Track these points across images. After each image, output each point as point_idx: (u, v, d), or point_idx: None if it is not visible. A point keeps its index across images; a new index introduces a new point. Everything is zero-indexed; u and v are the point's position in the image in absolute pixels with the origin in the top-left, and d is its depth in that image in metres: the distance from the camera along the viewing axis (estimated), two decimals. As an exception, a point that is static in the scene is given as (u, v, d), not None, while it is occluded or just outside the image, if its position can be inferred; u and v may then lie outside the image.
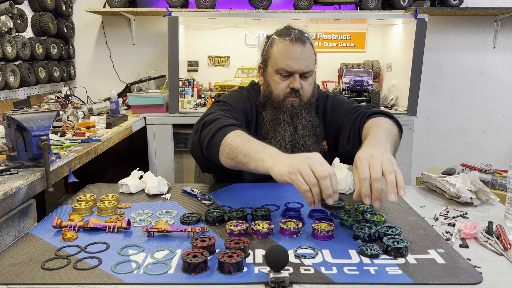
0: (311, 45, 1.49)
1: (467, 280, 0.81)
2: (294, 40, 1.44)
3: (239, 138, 1.17)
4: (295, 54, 1.43)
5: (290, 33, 1.46)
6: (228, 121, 1.27)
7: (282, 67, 1.45)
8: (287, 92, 1.48)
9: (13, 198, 1.15)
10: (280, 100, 1.49)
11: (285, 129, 1.49)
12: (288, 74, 1.47)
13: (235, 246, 0.90)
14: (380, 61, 3.32)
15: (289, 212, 1.17)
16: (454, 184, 1.28)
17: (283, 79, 1.47)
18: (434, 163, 3.58)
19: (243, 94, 1.59)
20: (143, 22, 3.35)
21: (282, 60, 1.45)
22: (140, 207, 1.22)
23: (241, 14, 2.79)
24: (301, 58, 1.44)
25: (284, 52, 1.44)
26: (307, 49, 1.45)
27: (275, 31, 1.54)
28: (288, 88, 1.48)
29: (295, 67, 1.44)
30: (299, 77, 1.46)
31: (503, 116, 3.53)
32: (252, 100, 1.58)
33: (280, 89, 1.48)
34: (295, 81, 1.45)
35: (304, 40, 1.45)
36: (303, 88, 1.48)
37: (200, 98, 3.11)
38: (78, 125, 2.07)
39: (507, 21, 3.34)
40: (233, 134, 1.20)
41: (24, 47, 2.49)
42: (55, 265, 0.87)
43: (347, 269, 0.85)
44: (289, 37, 1.45)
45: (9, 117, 1.25)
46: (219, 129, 1.23)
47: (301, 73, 1.46)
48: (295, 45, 1.44)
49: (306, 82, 1.49)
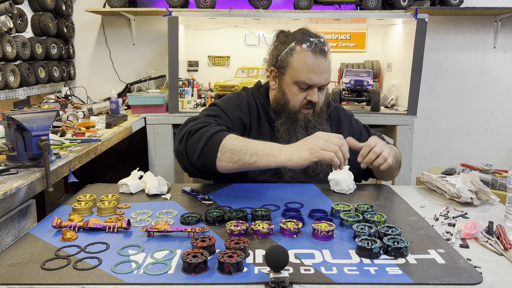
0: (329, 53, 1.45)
1: (467, 280, 0.81)
2: (316, 52, 1.39)
3: (239, 141, 1.20)
4: (318, 68, 1.39)
5: (312, 42, 1.40)
6: (216, 128, 1.28)
7: (303, 80, 1.40)
8: (303, 103, 1.45)
9: (13, 198, 1.14)
10: (295, 111, 1.46)
11: (299, 139, 1.46)
12: (308, 87, 1.43)
13: (235, 246, 0.90)
14: (380, 61, 3.32)
15: (289, 212, 1.17)
16: (454, 184, 1.28)
17: (301, 91, 1.44)
18: (434, 163, 3.58)
19: (243, 98, 1.54)
20: (143, 22, 3.35)
21: (303, 73, 1.39)
22: (140, 207, 1.22)
23: (241, 14, 2.78)
24: (322, 71, 1.40)
25: (306, 65, 1.39)
26: (327, 61, 1.42)
27: (288, 31, 1.49)
28: (305, 100, 1.44)
29: (316, 81, 1.40)
30: (317, 90, 1.43)
31: (503, 116, 3.53)
32: (254, 103, 1.54)
33: (297, 100, 1.45)
34: (314, 94, 1.42)
35: (325, 52, 1.41)
36: (319, 100, 1.46)
37: (200, 98, 3.11)
38: (78, 125, 2.07)
39: (507, 21, 3.34)
40: (229, 138, 1.22)
41: (24, 47, 2.49)
42: (55, 265, 0.87)
43: (347, 269, 0.85)
44: (311, 48, 1.39)
45: (9, 117, 1.25)
46: (211, 136, 1.24)
47: (320, 86, 1.43)
48: (318, 58, 1.39)
49: (322, 93, 1.47)
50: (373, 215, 1.10)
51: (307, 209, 1.19)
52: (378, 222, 1.07)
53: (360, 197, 1.31)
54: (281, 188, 1.39)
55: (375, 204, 1.24)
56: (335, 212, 1.15)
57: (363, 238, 0.95)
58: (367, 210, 1.15)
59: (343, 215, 1.09)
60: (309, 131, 1.45)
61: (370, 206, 1.17)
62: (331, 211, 1.17)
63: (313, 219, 1.11)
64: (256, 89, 1.60)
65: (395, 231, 0.98)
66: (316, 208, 1.17)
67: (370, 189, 1.40)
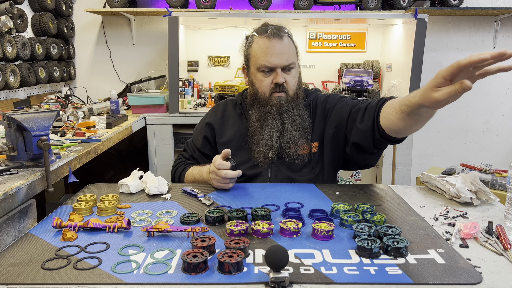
0: (290, 38, 1.50)
1: (467, 280, 0.81)
2: (271, 35, 1.46)
3: (190, 174, 1.59)
4: (274, 49, 1.45)
5: (267, 29, 1.48)
6: (180, 169, 1.65)
7: (263, 64, 1.47)
8: (272, 88, 1.49)
9: (13, 198, 1.15)
10: (266, 97, 1.51)
11: (272, 125, 1.49)
12: (270, 70, 1.48)
13: (235, 246, 0.90)
14: (380, 61, 3.32)
15: (289, 212, 1.17)
16: (454, 184, 1.28)
17: (266, 76, 1.49)
18: (434, 163, 3.58)
19: (219, 105, 1.69)
20: (143, 22, 3.35)
21: (262, 57, 1.47)
22: (140, 207, 1.23)
23: (241, 14, 2.79)
24: (280, 52, 1.45)
25: (263, 49, 1.46)
26: (285, 42, 1.47)
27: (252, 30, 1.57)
28: (272, 84, 1.49)
29: (276, 62, 1.46)
30: (281, 71, 1.47)
31: (503, 116, 3.53)
32: (231, 106, 1.65)
33: (264, 86, 1.50)
34: (278, 75, 1.47)
35: (281, 35, 1.46)
36: (287, 81, 1.49)
37: (200, 98, 3.11)
38: (78, 125, 2.07)
39: (507, 21, 3.34)
40: (187, 172, 1.61)
41: (24, 47, 2.49)
42: (55, 265, 0.87)
43: (347, 269, 0.85)
44: (266, 34, 1.46)
45: (9, 117, 1.25)
46: (180, 173, 1.64)
47: (282, 67, 1.47)
48: (273, 41, 1.45)
49: (289, 75, 1.49)
50: (373, 215, 1.10)
51: (307, 209, 1.19)
52: (378, 222, 1.07)
53: (360, 197, 1.31)
54: (281, 188, 1.39)
55: (375, 204, 1.24)
56: (335, 212, 1.16)
57: (363, 238, 0.95)
58: (367, 210, 1.15)
59: (343, 215, 1.09)
60: (282, 114, 1.50)
61: (370, 206, 1.17)
62: (331, 211, 1.17)
63: (313, 219, 1.11)
64: (240, 94, 1.69)
65: (395, 231, 0.98)
66: (316, 208, 1.17)
67: (370, 189, 1.40)
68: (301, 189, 1.38)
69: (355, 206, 1.18)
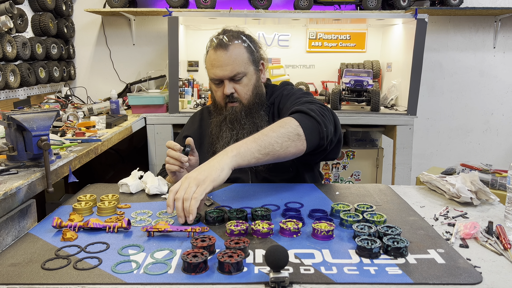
0: (242, 45, 1.49)
1: (467, 280, 0.81)
2: (216, 47, 1.47)
3: None
4: (218, 61, 1.46)
5: (215, 40, 1.49)
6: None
7: (211, 77, 1.51)
8: (224, 98, 1.51)
9: (13, 198, 1.15)
10: (222, 106, 1.54)
11: (226, 135, 1.50)
12: (220, 81, 1.50)
13: (235, 246, 0.90)
14: (380, 61, 3.32)
15: (289, 212, 1.17)
16: (454, 184, 1.28)
17: (218, 87, 1.52)
18: (434, 163, 3.58)
19: (196, 114, 1.74)
20: (143, 22, 3.35)
21: (210, 69, 1.50)
22: (140, 207, 1.23)
23: (241, 14, 2.79)
24: (225, 64, 1.45)
25: (210, 61, 1.49)
26: (230, 52, 1.46)
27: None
28: (223, 94, 1.51)
29: (220, 74, 1.47)
30: (229, 82, 1.48)
31: (503, 116, 3.53)
32: (207, 114, 1.68)
33: (218, 96, 1.54)
34: (225, 87, 1.49)
35: (226, 45, 1.46)
36: (238, 91, 1.50)
37: (200, 98, 3.11)
38: (78, 125, 2.07)
39: (507, 21, 3.34)
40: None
41: (24, 47, 2.49)
42: (55, 265, 0.87)
43: (347, 269, 0.85)
44: (214, 45, 1.48)
45: (9, 117, 1.25)
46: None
47: (228, 78, 1.47)
48: (217, 52, 1.46)
49: (239, 85, 1.50)
50: (373, 215, 1.10)
51: (307, 209, 1.19)
52: (378, 222, 1.07)
53: (360, 197, 1.31)
54: (281, 188, 1.39)
55: (375, 204, 1.24)
56: (335, 212, 1.16)
57: (363, 238, 0.95)
58: (367, 210, 1.15)
59: (343, 215, 1.09)
60: (235, 124, 1.51)
61: (370, 206, 1.17)
62: (331, 211, 1.17)
63: (313, 219, 1.11)
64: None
65: (395, 231, 0.98)
66: (316, 208, 1.17)
67: (370, 189, 1.40)
68: (301, 189, 1.38)
69: (355, 206, 1.18)
